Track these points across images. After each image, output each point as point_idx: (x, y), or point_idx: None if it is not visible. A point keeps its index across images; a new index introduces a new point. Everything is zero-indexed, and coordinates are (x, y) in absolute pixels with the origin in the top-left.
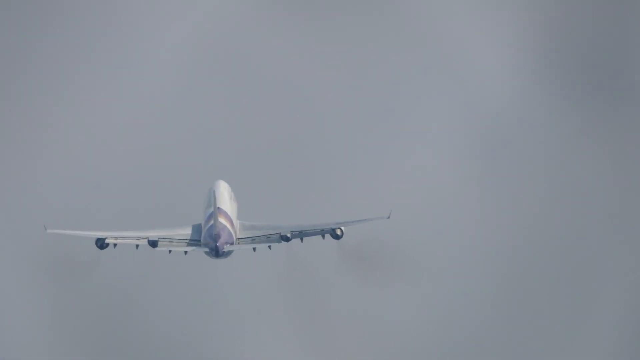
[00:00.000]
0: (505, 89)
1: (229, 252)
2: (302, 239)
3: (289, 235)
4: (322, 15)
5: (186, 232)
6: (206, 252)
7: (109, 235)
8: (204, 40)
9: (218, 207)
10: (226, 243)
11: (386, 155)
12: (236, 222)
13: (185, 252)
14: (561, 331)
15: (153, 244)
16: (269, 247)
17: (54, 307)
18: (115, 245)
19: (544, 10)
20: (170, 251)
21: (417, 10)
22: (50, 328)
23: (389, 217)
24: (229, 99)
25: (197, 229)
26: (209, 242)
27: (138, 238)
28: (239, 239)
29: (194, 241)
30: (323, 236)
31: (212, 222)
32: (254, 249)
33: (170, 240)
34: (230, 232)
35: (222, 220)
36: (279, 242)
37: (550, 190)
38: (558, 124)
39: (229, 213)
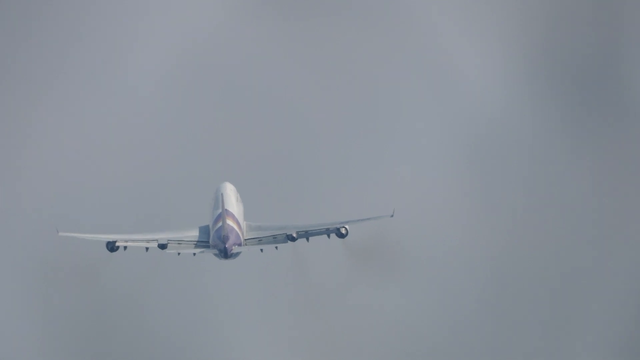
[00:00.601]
0: (497, 96)
1: (237, 253)
2: (307, 239)
3: (294, 235)
4: (320, 22)
5: (194, 233)
6: (215, 254)
7: (119, 239)
8: (210, 43)
9: (225, 209)
10: (234, 244)
11: (383, 160)
12: (243, 223)
13: (194, 254)
14: (558, 329)
15: (162, 246)
16: (276, 247)
17: (64, 309)
18: (125, 248)
19: (536, 21)
20: (179, 253)
21: (410, 21)
22: (61, 330)
23: (392, 216)
24: (233, 103)
25: (204, 230)
26: (217, 243)
27: (147, 241)
28: (246, 239)
29: (203, 242)
30: (328, 235)
31: (220, 223)
32: (262, 249)
33: (179, 242)
34: (237, 234)
35: (229, 221)
36: (286, 242)
37: (541, 196)
38: (549, 132)
39: (236, 214)
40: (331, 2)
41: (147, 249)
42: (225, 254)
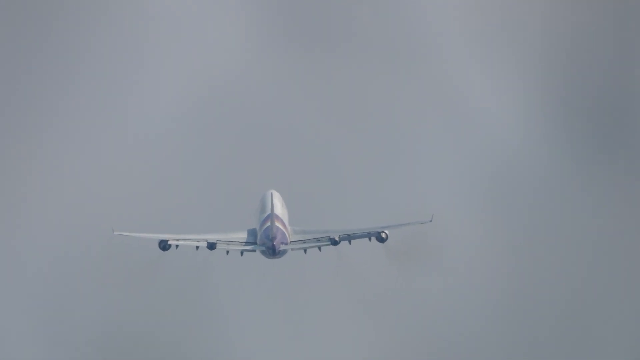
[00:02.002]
0: (515, 136)
1: (284, 252)
2: (350, 242)
3: (337, 238)
4: (339, 59)
5: (242, 235)
6: (262, 252)
7: (171, 237)
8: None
9: (271, 213)
10: (282, 243)
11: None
12: (288, 227)
13: (242, 253)
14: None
15: (211, 246)
16: (319, 248)
17: (118, 305)
18: (177, 246)
19: (554, 59)
20: (227, 252)
21: (430, 57)
22: (117, 326)
23: (431, 221)
24: (278, 115)
25: (252, 232)
26: (265, 242)
27: (198, 240)
28: (291, 242)
29: (250, 244)
30: (369, 239)
31: (268, 224)
32: (305, 250)
33: (228, 242)
34: (284, 233)
35: (277, 223)
36: (328, 244)
37: (557, 236)
38: (565, 172)
39: (283, 218)
40: (350, 39)
41: (197, 247)
42: (273, 251)
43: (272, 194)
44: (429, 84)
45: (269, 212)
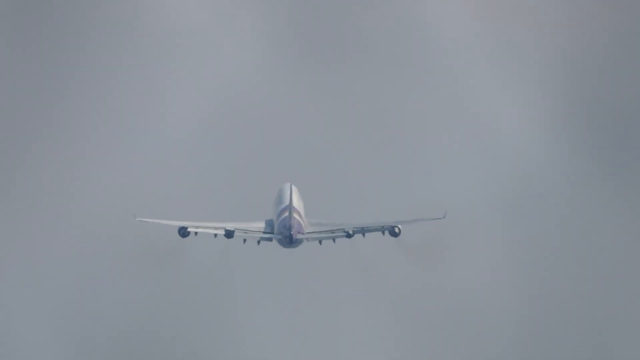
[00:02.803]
0: (534, 152)
1: (300, 242)
2: (364, 235)
3: (351, 231)
4: (356, 73)
5: (259, 225)
6: (279, 240)
7: (191, 225)
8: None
9: (289, 205)
10: (298, 232)
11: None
12: (304, 218)
13: (259, 242)
14: None
15: (229, 234)
16: (334, 240)
17: (141, 288)
18: (196, 233)
19: (575, 75)
20: (245, 240)
21: (449, 74)
22: (139, 310)
23: (444, 217)
24: (296, 112)
25: (269, 223)
26: (282, 231)
27: (216, 228)
28: (307, 232)
29: (267, 233)
30: (383, 233)
31: (285, 214)
32: (320, 241)
33: (245, 231)
34: (301, 224)
35: (294, 214)
36: (343, 237)
37: (578, 254)
38: (586, 188)
39: (299, 210)
40: (366, 53)
41: (215, 235)
42: (290, 239)
43: (290, 186)
44: (444, 92)
45: (286, 203)
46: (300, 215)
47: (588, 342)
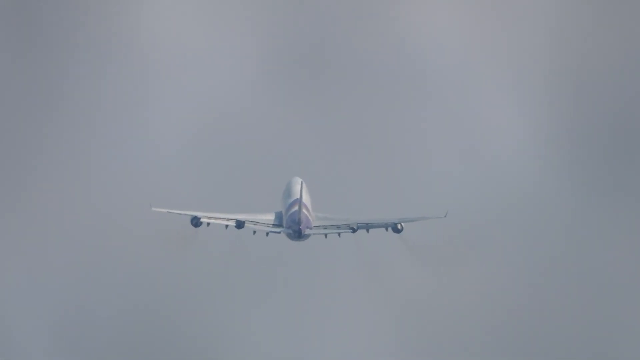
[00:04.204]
0: (527, 172)
1: (307, 236)
2: (368, 230)
3: (355, 227)
4: (348, 94)
5: (269, 217)
6: (288, 234)
7: (203, 215)
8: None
9: (297, 199)
10: (306, 227)
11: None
12: (312, 213)
13: (267, 234)
14: None
15: (239, 225)
16: (339, 234)
17: (155, 276)
18: (208, 224)
19: (570, 95)
20: (254, 232)
21: (444, 93)
22: (152, 298)
23: (445, 217)
24: (308, 104)
25: (278, 215)
26: (291, 225)
27: (227, 219)
28: (314, 226)
29: (276, 226)
30: (386, 229)
31: (294, 208)
32: (326, 235)
33: (255, 223)
34: (308, 218)
35: (303, 209)
36: (348, 231)
37: (572, 271)
38: (583, 203)
39: (307, 204)
40: (356, 72)
41: (226, 226)
42: (299, 234)
43: (299, 181)
44: (441, 105)
45: (294, 197)
46: (308, 210)
47: (584, 351)
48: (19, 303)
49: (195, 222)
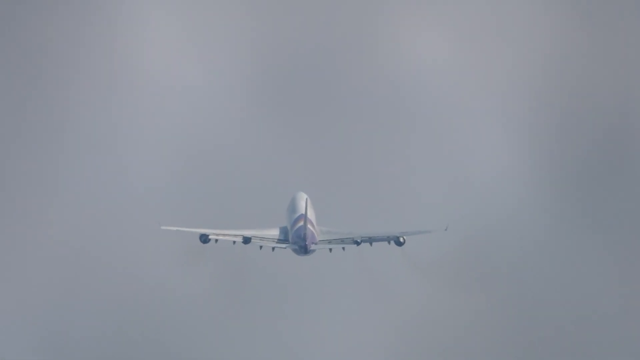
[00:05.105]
0: (510, 194)
1: (313, 250)
2: (371, 244)
3: (359, 240)
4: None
5: (274, 232)
6: (294, 250)
7: (211, 232)
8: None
9: (302, 214)
10: (312, 242)
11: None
12: (317, 227)
13: (273, 249)
14: None
15: (246, 240)
16: (343, 248)
17: (166, 291)
18: (216, 241)
19: (552, 116)
20: (261, 247)
21: (427, 120)
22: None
23: (446, 230)
24: (311, 123)
25: (283, 230)
26: (297, 240)
27: (234, 235)
28: (319, 241)
29: (282, 240)
30: (389, 242)
31: (300, 224)
32: (330, 249)
33: (261, 238)
34: (314, 234)
35: (308, 225)
36: (352, 245)
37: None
38: (562, 230)
39: (312, 219)
40: (354, 94)
41: (234, 242)
42: (305, 250)
43: (304, 197)
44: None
45: (299, 212)
46: (312, 225)
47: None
48: (28, 325)
49: (204, 239)
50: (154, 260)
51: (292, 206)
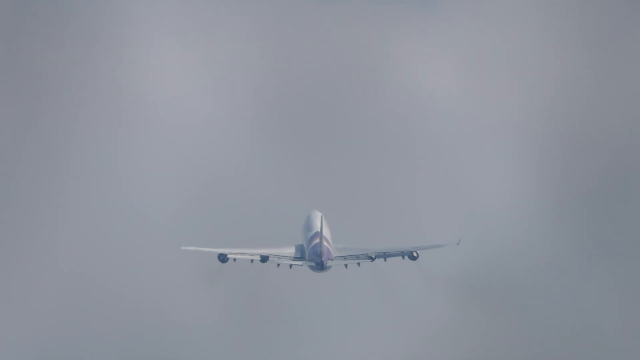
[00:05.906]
0: (517, 223)
1: (329, 267)
2: (385, 259)
3: (373, 256)
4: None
5: (290, 250)
6: (311, 266)
7: (230, 252)
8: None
9: (318, 232)
10: (328, 259)
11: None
12: (332, 244)
13: (291, 266)
14: None
15: (264, 259)
16: (358, 264)
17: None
18: (235, 260)
19: (560, 147)
20: (278, 265)
21: (430, 145)
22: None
23: (458, 244)
24: (325, 147)
25: (299, 248)
26: (314, 258)
27: (252, 254)
28: (335, 257)
29: (299, 258)
30: (403, 257)
31: (316, 241)
32: (346, 265)
33: (279, 256)
34: (329, 250)
35: (324, 242)
36: (366, 260)
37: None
38: (566, 261)
39: (327, 236)
40: (353, 128)
41: (252, 261)
42: (321, 266)
43: (319, 215)
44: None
45: (315, 230)
46: (328, 242)
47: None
48: (47, 346)
49: (223, 258)
50: (175, 280)
51: (308, 224)
